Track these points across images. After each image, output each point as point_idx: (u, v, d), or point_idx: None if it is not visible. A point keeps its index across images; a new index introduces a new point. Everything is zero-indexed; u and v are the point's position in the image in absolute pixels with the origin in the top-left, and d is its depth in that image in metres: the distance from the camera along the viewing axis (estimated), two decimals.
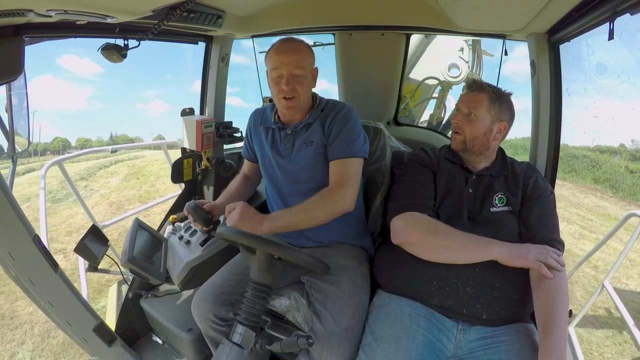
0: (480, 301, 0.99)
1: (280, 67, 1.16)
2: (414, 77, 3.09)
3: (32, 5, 0.70)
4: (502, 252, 0.96)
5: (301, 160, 1.26)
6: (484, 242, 0.99)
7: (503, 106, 1.17)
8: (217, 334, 1.17)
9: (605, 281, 1.93)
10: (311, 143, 1.25)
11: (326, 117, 1.25)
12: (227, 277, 1.22)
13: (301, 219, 1.12)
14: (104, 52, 1.15)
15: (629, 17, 0.83)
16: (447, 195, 1.15)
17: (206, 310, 1.15)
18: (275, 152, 1.30)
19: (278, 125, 1.30)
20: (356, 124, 1.25)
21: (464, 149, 1.19)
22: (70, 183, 2.39)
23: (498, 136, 1.18)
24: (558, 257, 0.96)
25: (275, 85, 1.19)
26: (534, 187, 1.13)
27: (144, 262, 1.15)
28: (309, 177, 1.26)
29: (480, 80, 1.22)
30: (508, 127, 1.20)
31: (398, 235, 1.09)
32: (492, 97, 1.16)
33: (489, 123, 1.16)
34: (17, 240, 1.02)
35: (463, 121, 1.18)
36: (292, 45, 1.19)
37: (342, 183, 1.16)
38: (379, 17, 1.70)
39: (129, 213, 2.74)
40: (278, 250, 0.95)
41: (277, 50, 1.19)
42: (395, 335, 0.95)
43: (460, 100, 1.21)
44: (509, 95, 1.19)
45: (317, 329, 1.04)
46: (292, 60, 1.16)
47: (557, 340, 0.85)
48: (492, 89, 1.17)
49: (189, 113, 1.76)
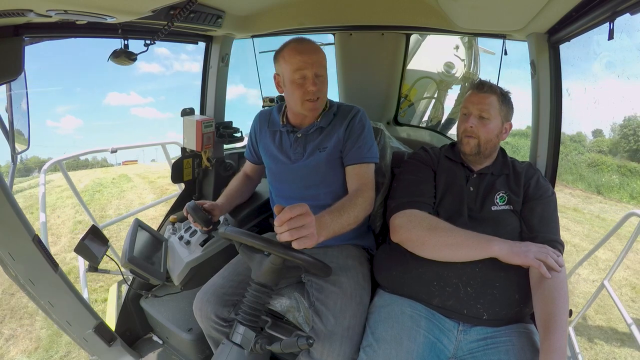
0: (481, 301, 0.98)
1: (304, 68, 1.12)
2: (409, 74, 3.09)
3: (32, 5, 0.70)
4: (502, 249, 0.96)
5: (313, 165, 1.24)
6: (484, 239, 0.99)
7: (509, 106, 1.18)
8: (219, 334, 1.17)
9: (605, 281, 1.92)
10: (324, 149, 1.23)
11: (342, 122, 1.23)
12: (229, 277, 1.21)
13: (350, 222, 1.04)
14: (114, 59, 1.16)
15: (629, 17, 0.83)
16: (448, 193, 1.15)
17: (208, 310, 1.15)
18: (285, 157, 1.28)
19: (287, 128, 1.27)
20: (370, 127, 1.26)
21: (477, 152, 1.17)
22: (70, 183, 2.39)
23: (505, 136, 1.19)
24: (557, 258, 0.95)
25: (299, 87, 1.14)
26: (535, 187, 1.13)
27: (144, 263, 1.15)
28: (321, 182, 1.25)
29: (489, 81, 1.19)
30: (512, 125, 1.20)
31: (398, 233, 1.09)
32: (501, 98, 1.16)
33: (500, 124, 1.16)
34: (17, 240, 1.02)
35: (477, 125, 1.15)
36: (312, 45, 1.17)
37: (367, 186, 1.17)
38: (379, 17, 1.70)
39: (127, 214, 2.75)
40: (280, 251, 0.95)
41: (298, 50, 1.13)
42: (397, 336, 0.95)
43: (470, 102, 1.17)
44: (509, 94, 1.19)
45: (318, 328, 1.04)
46: (315, 60, 1.13)
47: (558, 340, 0.85)
48: (500, 89, 1.17)
49: (189, 113, 1.76)
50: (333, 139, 1.23)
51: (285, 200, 1.32)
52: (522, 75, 1.63)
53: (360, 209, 1.09)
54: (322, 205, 1.10)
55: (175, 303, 1.59)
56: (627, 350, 2.57)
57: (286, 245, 0.90)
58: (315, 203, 1.12)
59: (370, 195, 1.15)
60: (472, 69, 3.57)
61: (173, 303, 1.59)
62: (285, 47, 1.17)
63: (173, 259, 1.28)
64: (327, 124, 1.24)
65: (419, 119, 3.40)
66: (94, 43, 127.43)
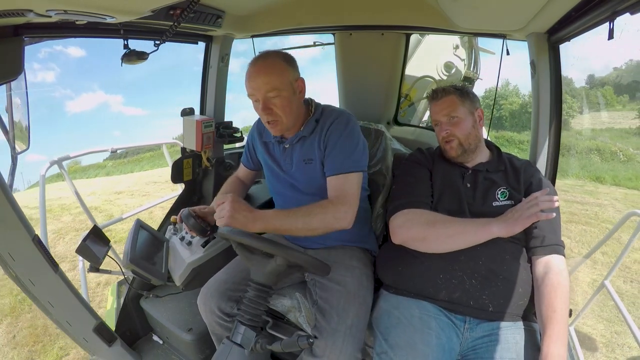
0: (486, 292, 1.00)
1: (253, 94, 1.12)
2: (409, 74, 3.08)
3: (32, 6, 0.70)
4: (500, 227, 0.99)
5: (302, 176, 1.24)
6: (482, 222, 1.02)
7: (470, 95, 1.22)
8: (222, 329, 1.19)
9: (605, 280, 1.92)
10: (310, 161, 1.20)
11: (322, 129, 1.18)
12: (232, 273, 1.23)
13: (298, 226, 1.04)
14: (126, 61, 1.17)
15: (628, 17, 0.83)
16: (445, 192, 1.15)
17: (212, 304, 1.17)
18: (278, 167, 1.29)
19: (277, 138, 1.26)
20: (353, 131, 1.17)
21: (463, 151, 1.19)
22: (70, 183, 2.38)
23: (482, 123, 1.23)
24: (549, 197, 1.00)
25: (256, 110, 1.15)
26: (538, 186, 1.12)
27: (146, 263, 1.15)
28: (317, 191, 1.21)
29: (440, 87, 1.25)
30: (482, 111, 1.24)
31: (398, 233, 1.09)
32: (458, 94, 1.20)
33: (471, 116, 1.20)
34: (17, 240, 1.02)
35: (450, 127, 1.19)
36: (261, 66, 1.11)
37: (342, 200, 1.09)
38: (379, 17, 1.70)
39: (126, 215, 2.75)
40: (279, 250, 0.95)
41: (248, 76, 1.12)
42: (410, 342, 0.95)
43: (435, 113, 1.23)
44: (467, 85, 1.22)
45: (321, 325, 1.05)
46: (262, 84, 1.09)
47: (559, 336, 0.87)
48: (453, 87, 1.22)
49: (189, 113, 1.76)
50: (315, 148, 1.19)
51: (284, 205, 1.33)
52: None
53: (318, 222, 1.05)
54: None
55: (175, 303, 1.59)
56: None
57: (285, 245, 0.91)
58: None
59: (345, 210, 1.07)
60: (472, 69, 3.57)
61: (173, 303, 1.59)
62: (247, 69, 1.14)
63: (174, 259, 1.28)
64: (310, 132, 1.20)
65: (419, 119, 3.40)
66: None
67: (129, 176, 10.94)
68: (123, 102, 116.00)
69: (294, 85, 1.13)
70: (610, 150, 13.17)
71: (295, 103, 1.16)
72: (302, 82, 1.17)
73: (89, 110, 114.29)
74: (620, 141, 14.13)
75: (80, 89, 63.35)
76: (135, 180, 8.93)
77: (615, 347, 2.62)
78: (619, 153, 12.94)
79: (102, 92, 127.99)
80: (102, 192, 7.34)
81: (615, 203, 6.93)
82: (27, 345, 2.60)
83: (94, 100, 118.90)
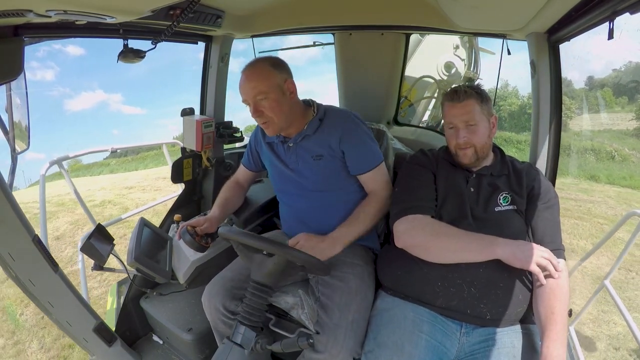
0: (485, 301, 0.98)
1: (245, 99, 1.20)
2: (408, 75, 3.08)
3: (31, 6, 0.70)
4: (505, 252, 0.96)
5: (310, 173, 1.28)
6: (487, 241, 0.98)
7: (488, 100, 1.16)
8: (226, 327, 1.19)
9: (605, 280, 1.92)
10: (320, 157, 1.26)
11: (332, 129, 1.25)
12: (237, 270, 1.25)
13: (363, 230, 1.21)
14: (123, 58, 1.17)
15: (628, 17, 0.83)
16: (449, 196, 1.14)
17: (217, 302, 1.18)
18: (283, 165, 1.32)
19: (280, 138, 1.31)
20: (363, 127, 1.28)
21: (476, 159, 1.16)
22: (70, 183, 2.38)
23: (494, 130, 1.18)
24: (557, 264, 0.96)
25: (251, 114, 1.22)
26: (541, 191, 1.12)
27: (150, 261, 1.16)
28: (326, 187, 1.28)
29: (462, 87, 1.17)
30: (496, 117, 1.19)
31: (402, 239, 1.09)
32: (479, 98, 1.13)
33: (488, 123, 1.16)
34: (17, 240, 1.02)
35: (468, 135, 1.12)
36: (248, 73, 1.18)
37: (380, 188, 1.26)
38: (379, 17, 1.70)
39: (130, 213, 2.75)
40: (279, 250, 0.95)
41: (239, 83, 1.20)
42: (398, 342, 0.95)
43: (451, 116, 1.15)
44: (482, 87, 1.18)
45: (323, 321, 1.06)
46: (249, 90, 1.17)
47: (557, 338, 0.86)
48: (474, 89, 1.15)
49: (189, 113, 1.76)
50: (325, 146, 1.25)
51: (289, 203, 1.37)
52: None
53: (372, 216, 1.23)
54: (327, 205, 1.28)
55: (175, 303, 1.59)
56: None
57: (284, 244, 0.92)
58: (320, 204, 1.25)
59: (382, 196, 1.25)
60: (473, 69, 3.57)
61: (173, 303, 1.59)
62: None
63: (178, 257, 1.29)
64: (314, 131, 1.26)
65: (419, 119, 3.40)
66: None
67: (134, 173, 11.02)
68: (122, 101, 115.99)
69: (282, 87, 1.19)
70: (605, 150, 13.20)
71: (286, 104, 1.20)
72: (291, 85, 1.22)
73: (88, 109, 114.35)
74: (617, 142, 14.15)
75: (80, 88, 63.60)
76: (143, 176, 8.99)
77: (602, 323, 2.87)
78: (615, 153, 12.97)
79: (101, 91, 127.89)
80: (112, 187, 7.40)
81: (608, 200, 7.04)
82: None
83: (93, 99, 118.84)
